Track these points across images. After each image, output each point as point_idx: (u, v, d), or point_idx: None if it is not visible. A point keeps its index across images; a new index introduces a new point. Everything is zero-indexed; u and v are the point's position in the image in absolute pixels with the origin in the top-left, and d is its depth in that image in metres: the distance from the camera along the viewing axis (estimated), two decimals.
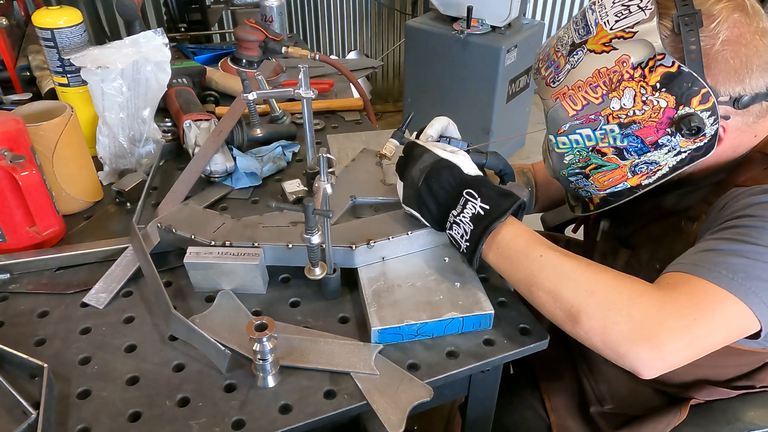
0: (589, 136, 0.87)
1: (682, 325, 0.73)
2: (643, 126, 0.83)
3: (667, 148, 0.85)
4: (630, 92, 0.81)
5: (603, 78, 0.83)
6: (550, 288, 0.79)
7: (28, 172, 0.96)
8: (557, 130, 0.90)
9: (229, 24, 3.06)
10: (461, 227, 0.84)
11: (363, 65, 1.99)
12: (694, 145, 0.84)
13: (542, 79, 0.91)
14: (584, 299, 0.76)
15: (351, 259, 0.95)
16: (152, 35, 1.19)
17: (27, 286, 0.99)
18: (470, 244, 0.84)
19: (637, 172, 0.89)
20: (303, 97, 1.08)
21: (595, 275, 0.78)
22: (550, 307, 0.80)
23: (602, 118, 0.85)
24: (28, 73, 1.48)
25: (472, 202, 0.84)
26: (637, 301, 0.75)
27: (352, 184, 1.12)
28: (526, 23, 2.97)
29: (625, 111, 0.83)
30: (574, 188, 0.99)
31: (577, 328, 0.77)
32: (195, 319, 0.90)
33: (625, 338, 0.74)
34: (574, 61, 0.85)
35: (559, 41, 0.90)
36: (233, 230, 0.99)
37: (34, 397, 0.79)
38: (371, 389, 0.81)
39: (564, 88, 0.86)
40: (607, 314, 0.75)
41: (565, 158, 0.94)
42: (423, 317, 0.87)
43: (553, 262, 0.80)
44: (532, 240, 0.84)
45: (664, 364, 0.74)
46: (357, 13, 3.59)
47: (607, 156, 0.88)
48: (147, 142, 1.25)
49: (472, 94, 2.97)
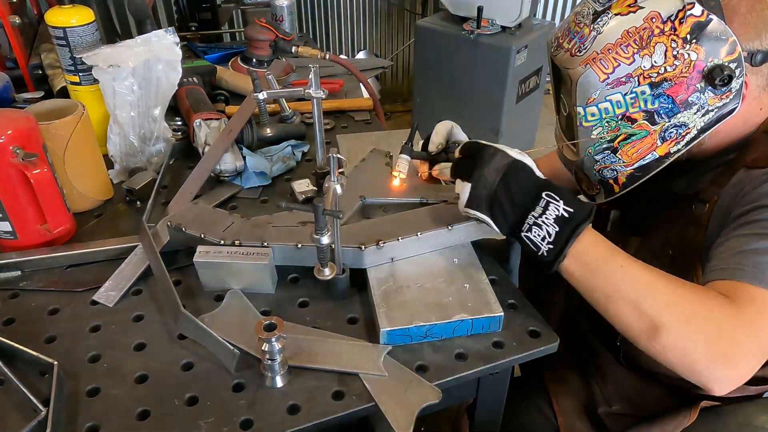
0: (619, 102, 0.87)
1: (752, 338, 0.75)
2: (674, 83, 0.84)
3: (696, 106, 0.86)
4: (661, 47, 0.82)
5: (633, 37, 0.83)
6: (632, 300, 0.78)
7: (40, 170, 0.96)
8: (587, 100, 0.89)
9: (239, 23, 3.06)
10: (543, 229, 0.81)
11: (373, 65, 1.99)
12: (721, 102, 0.85)
13: (566, 51, 0.90)
14: (665, 314, 0.77)
15: (360, 260, 0.95)
16: (163, 34, 1.20)
17: (38, 284, 0.99)
18: (554, 246, 0.81)
19: (667, 138, 0.89)
20: (313, 96, 1.08)
21: (674, 288, 0.79)
22: (628, 319, 0.79)
23: (633, 79, 0.85)
24: (41, 71, 1.49)
25: (554, 204, 0.81)
26: (713, 315, 0.76)
27: (361, 184, 1.12)
28: (536, 23, 2.96)
29: (657, 68, 0.84)
30: (599, 169, 0.98)
31: (653, 343, 0.77)
32: (204, 318, 0.91)
33: (702, 356, 0.75)
34: (600, 27, 0.85)
35: (578, 15, 0.90)
36: (243, 229, 0.99)
37: (44, 395, 0.79)
38: (379, 391, 0.80)
39: (593, 54, 0.86)
40: (686, 330, 0.76)
41: (593, 132, 0.92)
42: (432, 319, 0.87)
43: (634, 273, 0.80)
44: (611, 249, 0.83)
45: (739, 380, 0.76)
46: (367, 13, 3.59)
47: (638, 122, 0.88)
48: (157, 140, 1.25)
49: (481, 95, 2.96)
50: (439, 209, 1.02)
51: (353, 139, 1.40)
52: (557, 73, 1.00)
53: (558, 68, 0.96)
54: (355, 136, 1.41)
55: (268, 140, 1.33)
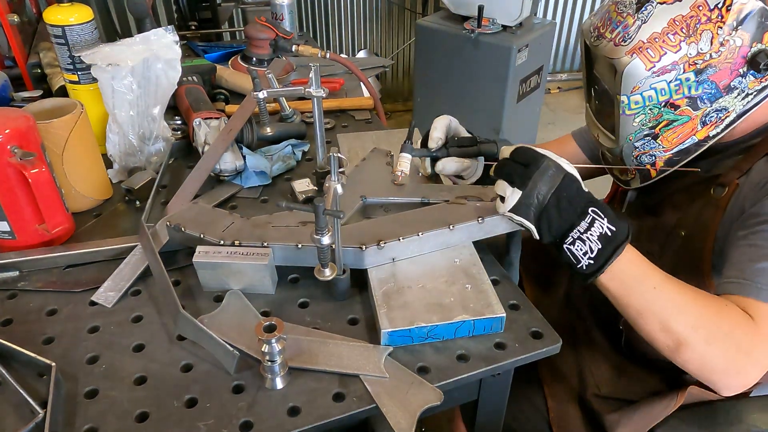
0: (664, 89, 0.90)
1: (766, 353, 0.83)
2: (719, 69, 0.87)
3: (737, 90, 0.89)
4: (707, 35, 0.85)
5: (680, 25, 0.86)
6: (661, 319, 0.84)
7: (38, 170, 0.95)
8: (632, 88, 0.91)
9: (239, 22, 3.06)
10: (586, 245, 0.84)
11: (373, 64, 1.98)
12: (761, 85, 0.89)
13: (609, 41, 0.92)
14: (690, 334, 0.83)
15: (361, 260, 0.94)
16: (163, 33, 1.19)
17: (36, 284, 0.98)
18: (594, 262, 0.84)
19: (707, 122, 0.93)
20: (314, 95, 1.07)
21: (700, 308, 0.84)
22: (656, 334, 0.85)
23: (679, 66, 0.88)
24: (39, 70, 1.48)
25: (599, 222, 0.84)
26: (733, 334, 0.82)
27: (362, 184, 1.11)
28: (537, 23, 2.95)
29: (702, 55, 0.86)
30: (636, 156, 1.01)
31: (676, 355, 0.85)
32: (203, 319, 0.90)
33: (719, 370, 0.84)
34: (645, 16, 0.87)
35: (620, 5, 0.92)
36: (242, 229, 0.98)
37: (42, 396, 0.79)
38: (381, 392, 0.80)
39: (639, 43, 0.88)
40: (708, 349, 0.83)
41: (635, 120, 0.95)
42: (433, 320, 0.86)
43: (667, 295, 0.85)
44: (647, 268, 0.86)
45: (747, 386, 0.85)
46: (367, 12, 3.58)
47: (680, 108, 0.92)
48: (157, 140, 1.25)
49: (482, 94, 2.95)
50: (440, 209, 1.01)
51: (354, 138, 1.39)
52: (592, 62, 1.02)
53: (593, 58, 0.98)
54: (356, 136, 1.41)
55: (268, 139, 1.33)
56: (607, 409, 1.10)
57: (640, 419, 1.04)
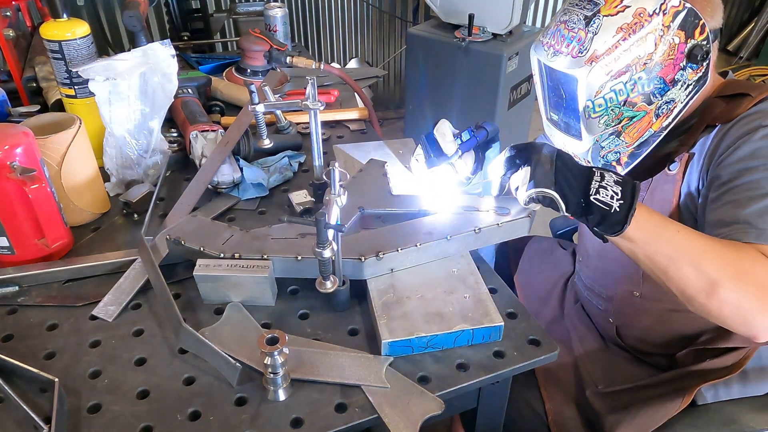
0: (621, 90, 0.99)
1: None
2: (664, 65, 0.97)
3: (680, 83, 0.99)
4: (651, 37, 0.95)
5: (627, 32, 0.95)
6: (692, 261, 0.84)
7: (38, 185, 0.96)
8: (595, 93, 1.00)
9: (231, 33, 3.06)
10: (609, 191, 0.86)
11: (366, 74, 1.99)
12: (697, 76, 0.99)
13: (566, 55, 1.00)
14: (722, 273, 0.83)
15: (360, 271, 0.95)
16: (159, 46, 1.20)
17: (36, 299, 0.99)
18: (624, 202, 0.85)
19: (659, 114, 1.02)
20: (311, 108, 1.08)
21: (724, 249, 0.85)
22: (689, 279, 0.85)
23: (632, 68, 0.97)
24: (35, 83, 1.48)
25: (608, 174, 0.87)
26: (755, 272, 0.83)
27: (359, 195, 1.12)
28: (527, 30, 2.97)
29: (650, 55, 0.96)
30: (603, 155, 1.07)
31: (711, 299, 0.84)
32: (204, 331, 0.90)
33: (754, 308, 0.82)
34: (595, 29, 0.96)
35: (568, 23, 0.99)
36: (242, 242, 0.99)
37: (45, 412, 0.79)
38: (382, 402, 0.81)
39: (594, 52, 0.97)
40: (740, 285, 0.83)
41: (600, 121, 1.03)
42: (433, 329, 0.87)
43: (690, 237, 0.86)
44: (662, 216, 0.89)
45: None
46: (358, 21, 3.60)
47: (637, 105, 1.01)
48: (154, 152, 1.25)
49: (473, 102, 2.97)
50: (437, 219, 1.03)
51: (350, 149, 1.40)
52: (548, 79, 1.08)
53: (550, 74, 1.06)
54: (352, 147, 1.42)
55: (264, 151, 1.34)
56: (607, 409, 1.11)
57: (642, 422, 1.06)
